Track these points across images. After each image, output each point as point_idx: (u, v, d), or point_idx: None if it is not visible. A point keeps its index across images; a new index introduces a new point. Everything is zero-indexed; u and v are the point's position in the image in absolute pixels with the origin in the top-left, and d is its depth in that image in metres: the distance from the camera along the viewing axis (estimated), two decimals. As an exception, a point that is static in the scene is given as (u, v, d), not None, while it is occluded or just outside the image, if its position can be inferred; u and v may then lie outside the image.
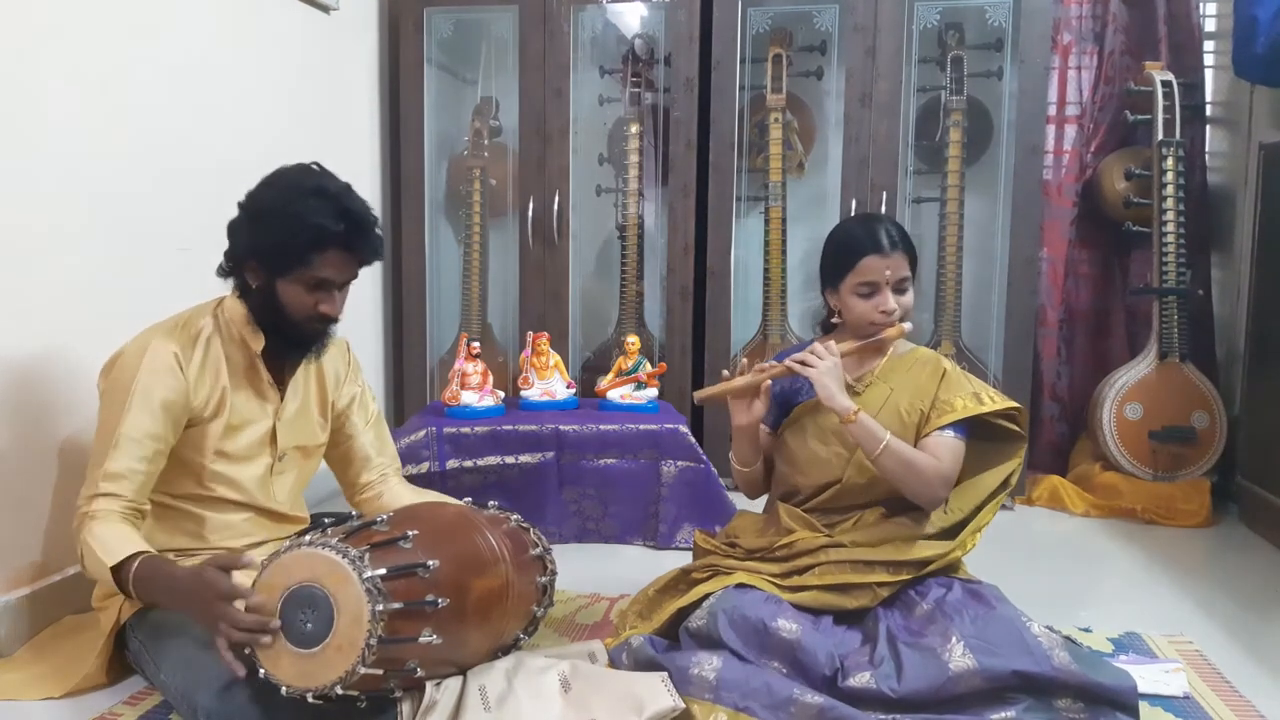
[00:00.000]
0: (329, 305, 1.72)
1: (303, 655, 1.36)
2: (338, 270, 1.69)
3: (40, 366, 1.95)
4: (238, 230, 1.71)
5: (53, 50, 1.94)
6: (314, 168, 1.71)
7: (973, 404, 1.81)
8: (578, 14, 3.19)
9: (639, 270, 3.32)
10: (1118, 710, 1.50)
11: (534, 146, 3.22)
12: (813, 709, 1.48)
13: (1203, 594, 2.32)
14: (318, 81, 2.95)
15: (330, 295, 1.72)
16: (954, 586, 1.72)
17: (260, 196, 1.69)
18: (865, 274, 1.83)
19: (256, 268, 1.70)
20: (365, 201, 1.71)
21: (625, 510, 2.66)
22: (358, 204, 1.69)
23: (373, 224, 1.71)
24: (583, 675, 1.55)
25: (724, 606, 1.66)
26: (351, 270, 1.73)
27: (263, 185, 1.70)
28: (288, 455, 1.86)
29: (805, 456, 1.91)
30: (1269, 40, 2.69)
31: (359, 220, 1.68)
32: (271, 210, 1.65)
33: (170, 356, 1.68)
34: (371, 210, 1.71)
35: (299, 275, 1.67)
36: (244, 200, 1.70)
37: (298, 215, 1.63)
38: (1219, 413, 3.03)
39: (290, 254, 1.65)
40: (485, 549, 1.58)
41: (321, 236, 1.64)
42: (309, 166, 1.71)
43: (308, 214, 1.63)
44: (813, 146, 3.38)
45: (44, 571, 1.96)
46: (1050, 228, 3.30)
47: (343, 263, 1.69)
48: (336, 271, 1.69)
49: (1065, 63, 3.32)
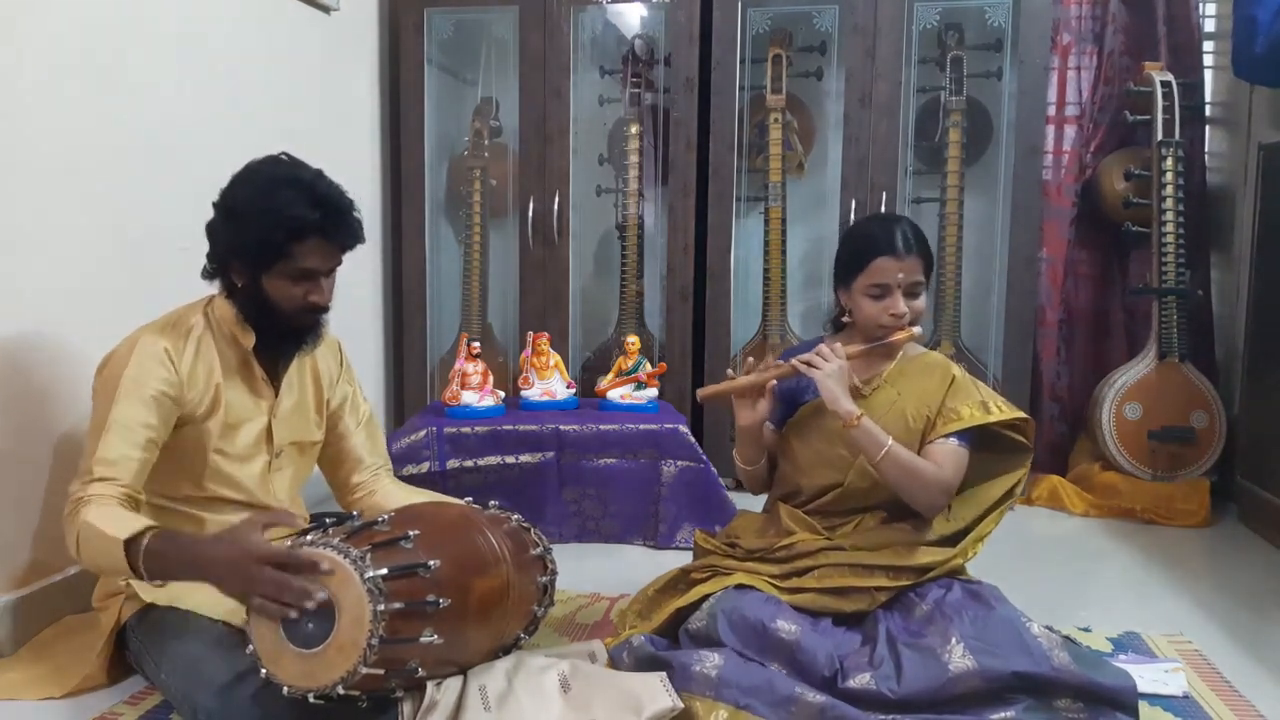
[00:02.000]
0: (317, 294, 1.71)
1: (304, 655, 1.36)
2: (320, 259, 1.69)
3: (40, 366, 1.95)
4: (216, 231, 1.70)
5: (51, 50, 1.94)
6: (283, 158, 1.70)
7: (980, 413, 1.81)
8: (578, 14, 3.19)
9: (639, 270, 3.32)
10: (1117, 710, 1.50)
11: (534, 147, 3.22)
12: (814, 708, 1.48)
13: (1202, 594, 2.32)
14: (318, 82, 2.95)
15: (317, 284, 1.71)
16: (953, 587, 1.72)
17: (233, 195, 1.67)
18: (877, 275, 1.81)
19: (240, 267, 1.69)
20: (339, 186, 1.70)
21: (625, 510, 2.66)
22: (332, 189, 1.67)
23: (349, 208, 1.69)
24: (583, 675, 1.55)
25: (724, 607, 1.66)
26: (334, 257, 1.72)
27: (234, 183, 1.68)
28: (285, 451, 1.85)
29: (808, 458, 1.90)
30: (1269, 40, 2.69)
31: (335, 205, 1.66)
32: (246, 207, 1.64)
33: (161, 350, 1.67)
34: (346, 194, 1.70)
35: (282, 269, 1.66)
36: (218, 200, 1.69)
37: (273, 209, 1.61)
38: (1218, 413, 3.03)
39: (270, 249, 1.64)
40: (486, 549, 1.58)
41: (299, 227, 1.63)
42: (278, 157, 1.70)
43: (283, 207, 1.61)
44: (812, 147, 3.39)
45: (44, 571, 1.96)
46: (1050, 228, 3.30)
47: (324, 250, 1.68)
48: (319, 260, 1.68)
49: (1065, 63, 3.32)
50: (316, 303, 1.72)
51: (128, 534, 1.47)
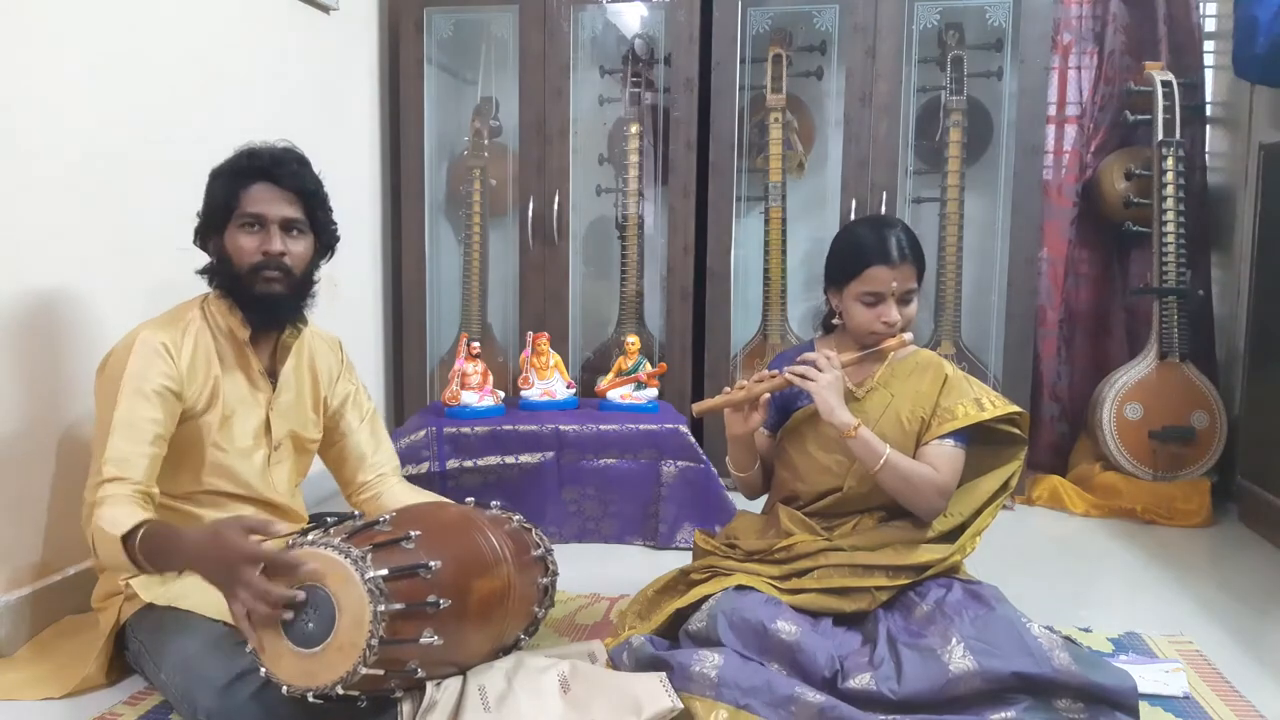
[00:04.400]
0: (269, 243, 1.73)
1: (304, 655, 1.36)
2: (267, 203, 1.73)
3: (39, 366, 1.95)
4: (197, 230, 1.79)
5: (51, 50, 1.94)
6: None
7: (974, 410, 1.81)
8: (578, 14, 3.19)
9: (639, 270, 3.32)
10: (1118, 710, 1.49)
11: (534, 146, 3.22)
12: (814, 708, 1.48)
13: (1203, 594, 2.32)
14: (318, 81, 2.95)
15: (268, 232, 1.74)
16: (954, 587, 1.72)
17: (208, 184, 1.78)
18: (871, 283, 1.81)
19: (209, 240, 1.77)
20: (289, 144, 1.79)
21: (625, 510, 2.66)
22: (275, 146, 1.77)
23: (289, 154, 1.76)
24: (582, 676, 1.55)
25: (724, 609, 1.66)
26: (284, 205, 1.75)
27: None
28: (283, 445, 1.87)
29: (805, 464, 1.90)
30: (1269, 40, 2.69)
31: (270, 152, 1.75)
32: (210, 183, 1.76)
33: (159, 345, 1.69)
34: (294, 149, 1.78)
35: (235, 222, 1.73)
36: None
37: (221, 172, 1.75)
38: (1219, 412, 3.03)
39: (219, 203, 1.73)
40: (487, 550, 1.58)
41: (241, 172, 1.73)
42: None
43: (230, 163, 1.75)
44: (812, 146, 3.38)
45: (44, 571, 1.96)
46: (1050, 228, 3.30)
47: (269, 194, 1.73)
48: (265, 205, 1.73)
49: (1065, 63, 3.32)
50: (269, 251, 1.73)
51: (124, 529, 1.51)
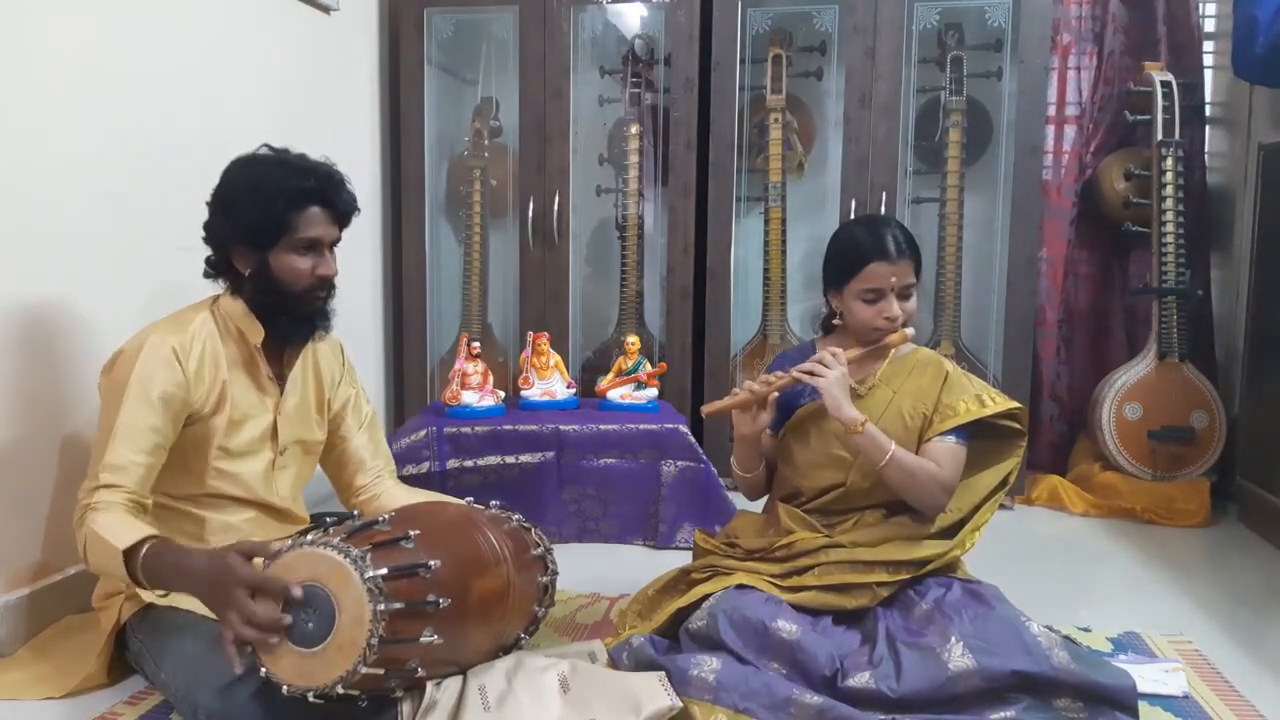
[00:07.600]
0: (324, 267, 1.74)
1: (304, 654, 1.36)
2: (322, 227, 1.72)
3: (40, 366, 1.95)
4: (215, 226, 1.74)
5: (51, 51, 1.94)
6: (265, 148, 1.74)
7: (975, 407, 1.82)
8: (578, 14, 3.19)
9: (639, 270, 3.32)
10: (1117, 710, 1.50)
11: (534, 147, 3.22)
12: (812, 709, 1.48)
13: (1202, 594, 2.32)
14: (318, 82, 2.95)
15: (323, 256, 1.74)
16: (953, 586, 1.73)
17: (226, 186, 1.72)
18: (870, 280, 1.82)
19: (245, 252, 1.72)
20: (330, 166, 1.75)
21: (625, 510, 2.66)
22: (319, 162, 1.74)
23: (337, 175, 1.75)
24: (582, 675, 1.55)
25: (724, 607, 1.66)
26: (333, 228, 1.75)
27: (225, 177, 1.74)
28: (289, 450, 1.86)
29: (808, 460, 1.91)
30: (1269, 40, 2.69)
31: (328, 173, 1.73)
32: (243, 191, 1.69)
33: (168, 350, 1.68)
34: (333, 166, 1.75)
35: (287, 242, 1.70)
36: (211, 198, 1.73)
37: (269, 184, 1.67)
38: (1218, 413, 3.03)
39: (273, 222, 1.68)
40: (487, 549, 1.58)
41: (298, 195, 1.68)
42: (257, 150, 1.74)
43: (279, 179, 1.67)
44: (812, 147, 3.39)
45: (44, 571, 1.96)
46: (1050, 228, 3.30)
47: (324, 219, 1.72)
48: (322, 229, 1.72)
49: (1065, 63, 3.33)
50: (324, 275, 1.74)
51: (127, 544, 1.50)
